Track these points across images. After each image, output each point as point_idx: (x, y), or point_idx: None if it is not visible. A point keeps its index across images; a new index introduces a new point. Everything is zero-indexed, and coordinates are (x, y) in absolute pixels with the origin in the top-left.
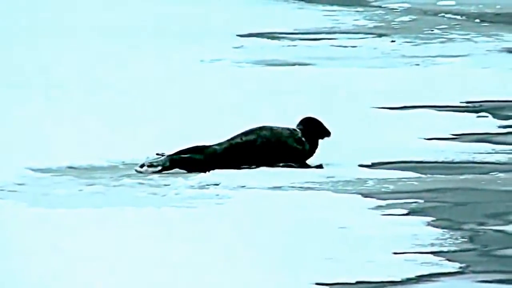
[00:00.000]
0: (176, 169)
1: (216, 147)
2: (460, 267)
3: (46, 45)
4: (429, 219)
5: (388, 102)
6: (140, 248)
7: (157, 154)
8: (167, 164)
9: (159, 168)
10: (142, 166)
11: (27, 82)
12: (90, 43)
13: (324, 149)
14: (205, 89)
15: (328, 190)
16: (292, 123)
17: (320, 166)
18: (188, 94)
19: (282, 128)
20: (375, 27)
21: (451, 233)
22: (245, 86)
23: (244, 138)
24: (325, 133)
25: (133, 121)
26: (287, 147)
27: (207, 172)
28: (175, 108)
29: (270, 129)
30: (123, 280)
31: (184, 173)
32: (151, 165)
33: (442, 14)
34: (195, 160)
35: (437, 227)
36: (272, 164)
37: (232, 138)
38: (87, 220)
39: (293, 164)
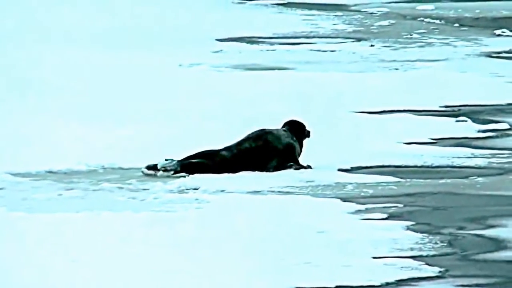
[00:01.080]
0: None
1: (225, 153)
2: (440, 272)
3: (24, 50)
4: (408, 223)
5: (367, 106)
6: (119, 252)
7: (166, 160)
8: (178, 168)
9: (171, 172)
10: (149, 168)
11: (5, 87)
12: (68, 48)
13: (303, 153)
14: (184, 94)
15: (307, 194)
16: (272, 127)
17: (309, 167)
18: (167, 99)
19: (278, 130)
20: (354, 31)
21: (430, 237)
22: (224, 91)
23: (253, 144)
24: (308, 134)
25: (112, 125)
26: (287, 150)
27: (186, 177)
28: (155, 113)
29: (271, 132)
30: (102, 283)
31: (162, 177)
32: (165, 169)
33: (421, 19)
34: (205, 165)
35: (416, 231)
36: (279, 168)
37: (240, 143)
38: (66, 224)
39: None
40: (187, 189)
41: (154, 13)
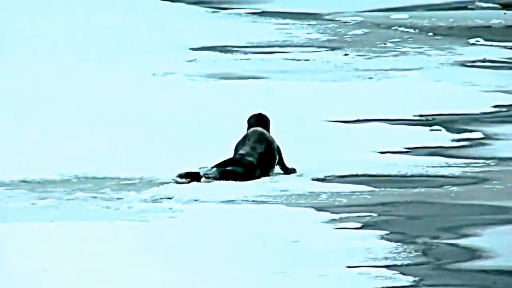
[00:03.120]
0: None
1: (251, 158)
2: (414, 281)
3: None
4: (383, 232)
5: (341, 115)
6: (93, 262)
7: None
8: (217, 176)
9: (211, 180)
10: (181, 176)
11: None
12: (41, 58)
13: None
14: (158, 103)
15: (281, 203)
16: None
17: (294, 171)
18: (140, 108)
19: (262, 129)
20: (328, 40)
21: (405, 246)
22: (198, 99)
23: (262, 147)
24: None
25: (85, 135)
26: (279, 150)
27: (160, 186)
28: (128, 122)
29: (265, 132)
30: None
31: (136, 186)
32: (208, 176)
33: (395, 28)
34: (238, 173)
35: (390, 240)
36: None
37: (254, 148)
38: (39, 234)
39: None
40: (161, 198)
41: (127, 22)
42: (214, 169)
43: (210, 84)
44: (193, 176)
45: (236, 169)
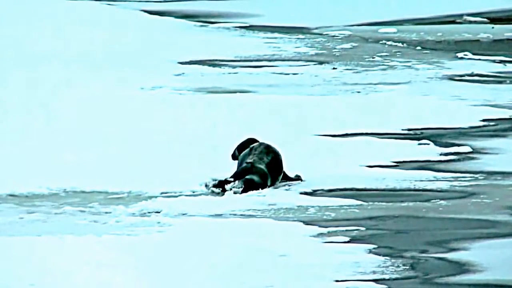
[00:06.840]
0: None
1: (261, 166)
2: None
3: None
4: (371, 246)
5: (329, 129)
6: (80, 275)
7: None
8: (243, 186)
9: (239, 191)
10: (215, 186)
11: None
12: (31, 70)
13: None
14: (146, 117)
15: (269, 217)
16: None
17: (299, 178)
18: (128, 122)
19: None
20: (316, 54)
21: (393, 260)
22: (186, 114)
23: (269, 157)
24: None
25: (73, 149)
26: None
27: (148, 200)
28: (116, 136)
29: (270, 144)
30: None
31: (125, 200)
32: (237, 188)
33: (383, 42)
34: (258, 183)
35: (378, 254)
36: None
37: (261, 158)
38: (27, 248)
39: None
40: (149, 212)
41: (116, 36)
42: (237, 181)
43: (198, 98)
44: (223, 186)
45: (254, 178)
